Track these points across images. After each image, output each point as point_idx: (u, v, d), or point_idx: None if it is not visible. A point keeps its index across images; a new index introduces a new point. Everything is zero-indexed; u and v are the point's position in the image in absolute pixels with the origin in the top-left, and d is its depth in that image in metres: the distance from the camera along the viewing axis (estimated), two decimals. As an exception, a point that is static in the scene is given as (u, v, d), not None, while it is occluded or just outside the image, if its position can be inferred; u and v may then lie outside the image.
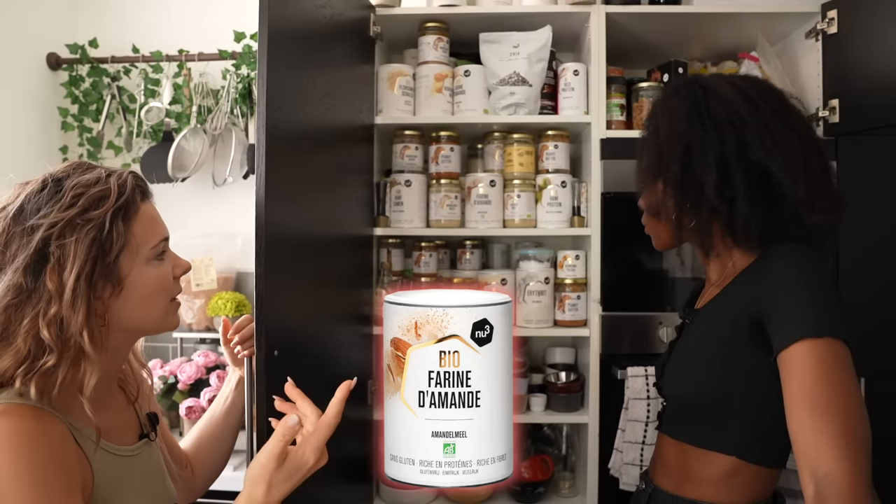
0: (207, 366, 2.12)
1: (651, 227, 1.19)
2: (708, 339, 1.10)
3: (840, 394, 0.89)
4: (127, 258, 0.93)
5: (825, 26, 1.78)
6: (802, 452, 0.88)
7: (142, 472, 1.02)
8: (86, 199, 0.90)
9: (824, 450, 0.86)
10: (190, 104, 2.32)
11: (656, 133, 1.11)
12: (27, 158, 2.29)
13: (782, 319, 0.95)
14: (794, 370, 0.92)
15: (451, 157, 2.01)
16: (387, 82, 1.96)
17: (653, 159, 1.11)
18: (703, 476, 1.08)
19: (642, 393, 1.79)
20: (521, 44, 1.95)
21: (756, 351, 1.00)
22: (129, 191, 0.95)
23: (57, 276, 0.86)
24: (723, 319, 1.08)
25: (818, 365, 0.90)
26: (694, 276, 1.89)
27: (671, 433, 1.15)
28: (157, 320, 1.00)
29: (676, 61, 2.02)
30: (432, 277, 2.01)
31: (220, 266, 2.30)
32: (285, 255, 1.23)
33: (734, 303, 1.06)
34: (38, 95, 2.36)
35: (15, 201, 0.90)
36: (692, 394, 1.10)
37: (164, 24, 2.41)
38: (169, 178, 2.25)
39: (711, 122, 1.05)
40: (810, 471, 0.87)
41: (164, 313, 1.00)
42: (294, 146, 1.31)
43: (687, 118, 1.07)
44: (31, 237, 0.87)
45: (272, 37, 1.16)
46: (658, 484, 1.17)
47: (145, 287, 0.96)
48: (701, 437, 1.09)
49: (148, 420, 1.09)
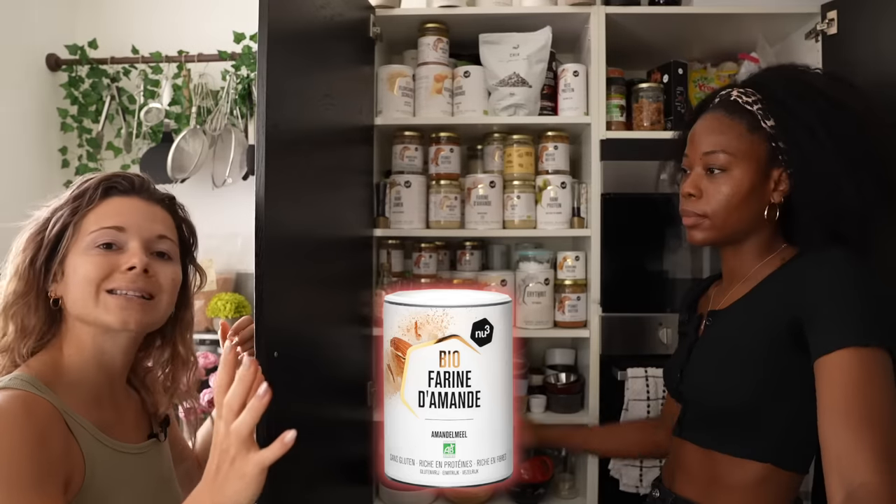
0: (207, 367, 2.11)
1: (696, 217, 1.09)
2: (739, 342, 1.05)
3: (881, 404, 0.87)
4: (71, 246, 0.98)
5: (825, 27, 1.77)
6: (835, 459, 0.86)
7: (147, 472, 1.02)
8: (59, 201, 1.01)
9: (861, 460, 0.83)
10: (189, 105, 2.32)
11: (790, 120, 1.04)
12: (26, 159, 2.29)
13: (827, 324, 0.92)
14: (835, 377, 0.89)
15: (451, 158, 2.01)
16: (386, 83, 1.96)
17: (790, 147, 1.03)
18: (733, 484, 1.04)
19: (642, 394, 1.79)
20: (520, 45, 1.95)
21: (796, 354, 0.97)
22: (87, 185, 1.01)
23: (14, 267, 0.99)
24: (757, 321, 1.04)
25: (861, 373, 0.88)
26: (693, 276, 1.89)
27: (696, 440, 1.11)
28: (84, 308, 0.96)
29: (676, 62, 2.01)
30: (432, 278, 2.01)
31: (219, 267, 2.30)
32: (285, 256, 1.23)
33: (770, 304, 1.03)
34: (37, 96, 2.35)
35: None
36: (724, 399, 1.05)
37: (164, 25, 2.41)
38: (168, 179, 2.24)
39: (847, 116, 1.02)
40: (841, 479, 0.84)
41: (90, 302, 0.96)
42: (294, 147, 1.31)
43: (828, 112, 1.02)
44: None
45: (272, 38, 1.16)
46: (679, 493, 1.12)
47: (77, 273, 0.97)
48: (733, 443, 1.04)
49: (156, 420, 1.09)
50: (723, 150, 1.06)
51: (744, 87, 1.10)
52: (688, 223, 1.11)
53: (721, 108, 1.10)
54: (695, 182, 1.09)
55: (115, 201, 1.00)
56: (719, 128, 1.08)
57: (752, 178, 1.05)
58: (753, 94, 1.07)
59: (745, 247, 1.10)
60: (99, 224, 0.98)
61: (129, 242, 0.99)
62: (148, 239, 1.01)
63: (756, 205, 1.06)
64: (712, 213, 1.07)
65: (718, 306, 1.14)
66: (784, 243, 1.09)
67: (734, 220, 1.06)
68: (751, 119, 1.06)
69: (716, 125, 1.09)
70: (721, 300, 1.14)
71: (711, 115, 1.11)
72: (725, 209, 1.06)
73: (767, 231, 1.08)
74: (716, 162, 1.06)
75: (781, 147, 1.04)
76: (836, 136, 1.00)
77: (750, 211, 1.06)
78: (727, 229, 1.08)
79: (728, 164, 1.05)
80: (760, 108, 1.05)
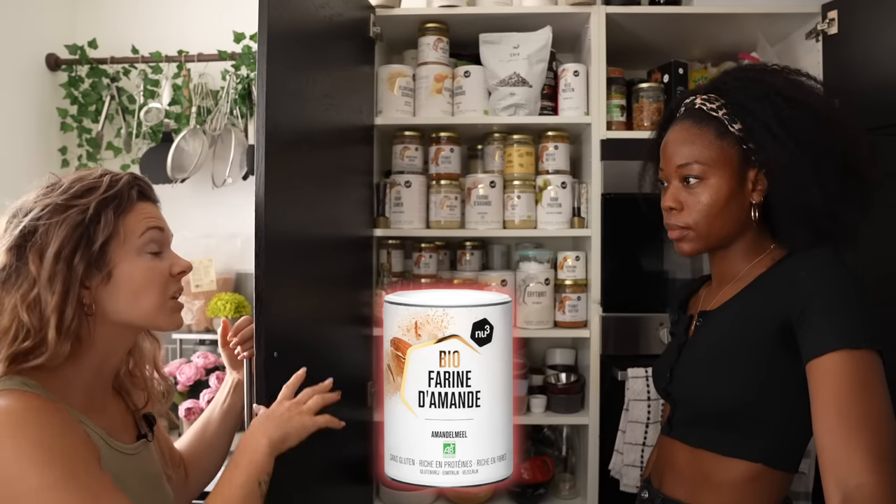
0: (207, 367, 2.11)
1: (681, 230, 1.09)
2: (731, 343, 1.05)
3: (875, 406, 0.87)
4: (116, 248, 0.94)
5: (825, 27, 1.77)
6: (831, 462, 0.86)
7: (140, 473, 1.01)
8: (76, 189, 0.93)
9: (857, 462, 0.84)
10: (189, 105, 2.32)
11: (759, 121, 1.04)
12: (26, 159, 2.28)
13: (818, 326, 0.92)
14: (828, 379, 0.89)
15: (451, 158, 2.01)
16: (387, 83, 1.96)
17: (759, 149, 1.04)
18: (723, 483, 1.03)
19: (643, 394, 1.79)
20: (520, 44, 1.95)
21: (786, 356, 0.97)
22: (121, 185, 0.96)
23: (37, 255, 0.88)
24: (748, 322, 1.04)
25: (855, 376, 0.88)
26: (694, 276, 1.88)
27: (685, 439, 1.10)
28: (147, 314, 0.97)
29: (677, 62, 2.02)
30: (432, 279, 2.01)
31: (219, 267, 2.29)
32: (285, 256, 1.23)
33: (760, 305, 1.03)
34: (37, 96, 2.35)
35: (22, 198, 0.94)
36: (715, 400, 1.04)
37: (164, 25, 2.40)
38: (168, 179, 2.24)
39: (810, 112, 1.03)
40: (838, 481, 0.85)
41: (156, 308, 0.97)
42: (293, 147, 1.31)
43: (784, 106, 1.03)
44: (22, 220, 0.90)
45: (272, 37, 1.16)
46: (667, 493, 1.12)
47: (135, 278, 0.95)
48: (724, 443, 1.04)
49: (144, 421, 1.08)
50: (696, 161, 1.06)
51: (706, 92, 1.11)
52: (673, 236, 1.12)
53: (688, 118, 1.10)
54: (673, 195, 1.09)
55: (144, 206, 1.00)
56: (689, 138, 1.08)
57: (729, 183, 1.05)
58: (717, 100, 1.08)
59: (733, 250, 1.10)
60: (145, 225, 0.97)
61: (165, 247, 1.02)
62: (171, 242, 1.04)
63: (737, 208, 1.06)
64: (695, 223, 1.07)
65: (709, 307, 1.14)
66: (773, 243, 1.09)
67: (718, 227, 1.07)
68: (718, 125, 1.06)
69: (685, 136, 1.09)
70: (712, 301, 1.14)
71: (679, 125, 1.11)
72: (707, 218, 1.06)
73: (752, 232, 1.09)
74: (690, 172, 1.07)
75: (752, 148, 1.04)
76: (795, 134, 1.01)
77: (732, 215, 1.06)
78: (712, 237, 1.08)
79: (703, 173, 1.06)
80: (725, 112, 1.06)
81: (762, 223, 1.08)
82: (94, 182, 0.95)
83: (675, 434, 1.12)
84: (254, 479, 0.96)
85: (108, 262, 0.93)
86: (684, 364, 1.12)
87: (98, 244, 0.91)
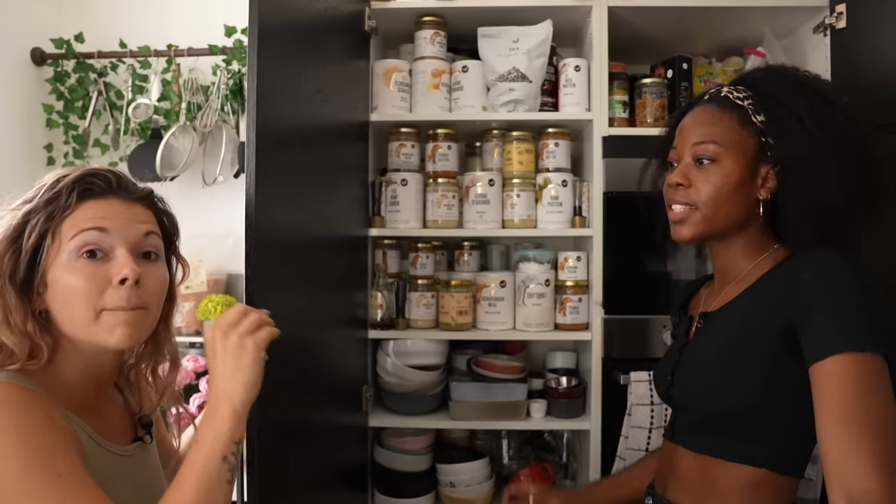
0: (197, 371, 2.08)
1: (684, 208, 1.08)
2: (732, 345, 1.04)
3: (880, 410, 0.86)
4: (49, 254, 0.90)
5: (833, 21, 1.75)
6: (835, 467, 0.85)
7: (132, 475, 0.99)
8: (30, 193, 0.92)
9: (861, 467, 0.83)
10: (179, 101, 2.28)
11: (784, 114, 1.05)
12: (10, 157, 2.25)
13: (822, 329, 0.92)
14: (831, 382, 0.88)
15: (449, 156, 1.98)
16: (382, 78, 1.93)
17: (780, 142, 1.04)
18: (728, 489, 1.03)
19: (646, 398, 1.76)
20: (520, 38, 1.92)
21: (789, 359, 0.96)
22: (60, 186, 0.92)
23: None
24: (750, 323, 1.03)
25: (859, 379, 0.87)
26: (698, 277, 1.86)
27: (688, 445, 1.09)
28: (81, 328, 0.90)
29: (681, 57, 1.99)
30: (429, 279, 1.97)
31: (210, 268, 2.26)
32: (277, 257, 1.21)
33: (763, 306, 1.02)
34: (21, 92, 2.31)
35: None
36: (718, 404, 1.04)
37: (153, 19, 2.37)
38: (157, 176, 2.21)
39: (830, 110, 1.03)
40: (842, 486, 0.84)
41: (87, 322, 0.90)
42: (286, 144, 1.29)
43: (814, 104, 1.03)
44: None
45: (263, 31, 1.14)
46: (671, 499, 1.11)
47: (65, 285, 0.89)
48: (727, 448, 1.03)
49: (140, 423, 1.05)
50: (713, 141, 1.06)
51: (734, 85, 1.12)
52: (675, 217, 1.10)
53: (712, 103, 1.11)
54: (683, 172, 1.09)
55: (92, 205, 0.93)
56: (710, 119, 1.09)
57: (741, 170, 1.05)
58: (744, 91, 1.09)
59: (734, 244, 1.10)
60: (79, 227, 0.90)
61: (115, 249, 0.92)
62: (134, 242, 0.95)
63: (743, 199, 1.06)
64: (702, 203, 1.06)
65: (710, 308, 1.13)
66: (776, 243, 1.09)
67: (723, 212, 1.06)
68: (741, 113, 1.07)
69: (706, 117, 1.09)
70: (713, 302, 1.14)
71: (702, 108, 1.12)
72: (714, 200, 1.06)
73: (755, 228, 1.08)
74: (705, 152, 1.07)
75: (770, 143, 1.04)
76: (825, 131, 1.01)
77: (739, 204, 1.06)
78: (717, 223, 1.07)
79: (718, 155, 1.06)
80: (751, 103, 1.07)
81: (765, 223, 1.08)
82: (43, 184, 0.93)
83: (678, 439, 1.12)
84: (218, 455, 0.86)
85: (40, 269, 0.89)
86: (685, 367, 1.12)
87: (26, 251, 0.89)
